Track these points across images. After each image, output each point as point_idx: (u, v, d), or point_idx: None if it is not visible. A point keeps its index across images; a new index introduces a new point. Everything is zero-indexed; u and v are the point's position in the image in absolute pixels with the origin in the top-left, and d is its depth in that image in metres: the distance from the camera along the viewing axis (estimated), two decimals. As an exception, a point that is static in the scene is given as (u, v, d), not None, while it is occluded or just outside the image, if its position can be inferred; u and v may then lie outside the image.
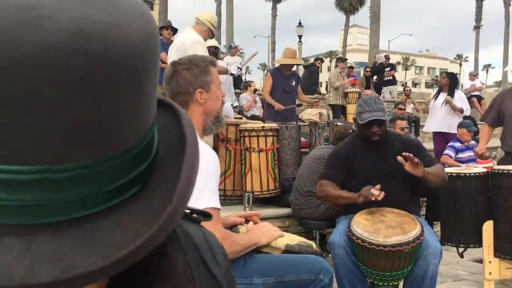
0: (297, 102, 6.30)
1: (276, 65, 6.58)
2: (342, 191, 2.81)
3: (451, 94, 6.53)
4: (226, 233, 1.71)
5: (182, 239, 0.52)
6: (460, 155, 5.89)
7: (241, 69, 5.21)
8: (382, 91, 12.41)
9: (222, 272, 0.57)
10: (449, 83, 6.59)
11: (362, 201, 2.60)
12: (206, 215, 0.60)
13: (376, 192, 2.53)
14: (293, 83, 5.99)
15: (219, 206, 1.70)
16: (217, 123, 1.93)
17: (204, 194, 1.66)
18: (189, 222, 0.57)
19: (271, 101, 5.82)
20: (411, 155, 2.57)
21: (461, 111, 6.48)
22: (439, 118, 6.54)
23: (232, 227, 2.02)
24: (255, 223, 2.06)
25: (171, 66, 1.91)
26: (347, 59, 12.16)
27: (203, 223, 1.83)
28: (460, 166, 5.21)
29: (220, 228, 1.69)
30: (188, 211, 0.58)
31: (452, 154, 5.85)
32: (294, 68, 6.59)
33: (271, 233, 1.90)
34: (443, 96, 6.59)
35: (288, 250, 1.94)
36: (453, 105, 6.43)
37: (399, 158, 2.59)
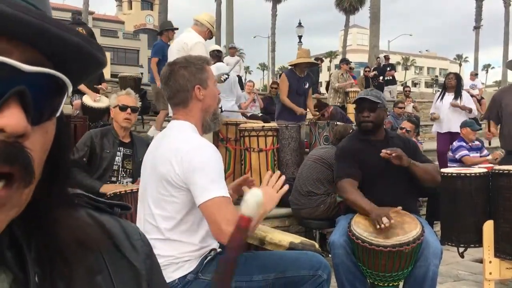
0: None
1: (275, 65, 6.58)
2: (360, 199, 2.69)
3: (458, 95, 6.50)
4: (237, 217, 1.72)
5: (94, 234, 0.53)
6: None
7: (228, 75, 5.24)
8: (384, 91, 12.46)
9: (140, 258, 0.59)
10: (457, 84, 6.56)
11: (376, 220, 2.50)
12: (124, 207, 0.62)
13: (385, 221, 2.46)
14: (306, 86, 5.95)
15: (228, 194, 1.73)
16: (215, 120, 1.98)
17: (210, 184, 1.70)
18: (105, 214, 0.59)
19: (292, 105, 5.77)
20: (389, 150, 2.64)
21: (470, 110, 6.47)
22: (447, 119, 6.51)
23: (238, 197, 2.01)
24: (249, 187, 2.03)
25: (168, 66, 1.96)
26: (351, 62, 12.19)
27: (215, 212, 1.82)
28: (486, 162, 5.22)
29: (232, 214, 1.68)
30: (104, 204, 0.59)
31: (468, 152, 5.83)
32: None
33: (273, 197, 1.85)
34: (448, 96, 6.56)
35: (292, 248, 1.96)
36: (461, 106, 6.42)
37: (382, 154, 2.65)
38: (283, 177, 1.91)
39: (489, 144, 5.92)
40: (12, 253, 0.46)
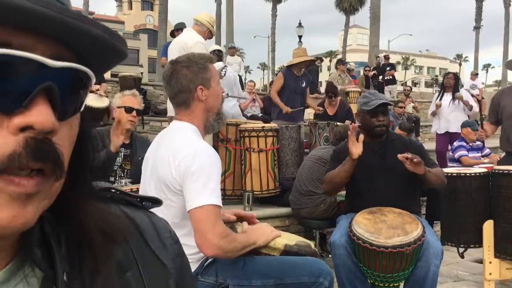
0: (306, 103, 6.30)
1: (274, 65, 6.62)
2: (338, 167, 2.77)
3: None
4: (227, 231, 1.70)
5: (123, 227, 0.52)
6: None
7: (226, 66, 5.28)
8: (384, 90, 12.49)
9: (170, 256, 0.58)
10: (455, 84, 6.56)
11: (355, 154, 2.60)
12: (155, 201, 0.61)
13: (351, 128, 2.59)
14: (303, 84, 5.95)
15: (220, 203, 1.69)
16: (219, 120, 1.94)
17: (204, 191, 1.66)
18: (136, 209, 0.58)
19: (279, 103, 5.75)
20: (410, 155, 2.55)
21: (471, 107, 6.45)
22: (446, 118, 6.51)
23: (227, 224, 2.01)
24: (249, 224, 2.05)
25: (170, 65, 1.91)
26: (347, 62, 12.23)
27: (204, 220, 1.79)
28: (483, 163, 5.23)
29: (221, 226, 1.67)
30: (135, 199, 0.59)
31: (467, 153, 5.84)
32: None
33: (267, 233, 1.89)
34: (447, 96, 6.56)
35: (287, 250, 1.93)
36: (466, 101, 6.41)
37: (400, 156, 2.57)
38: (281, 233, 2.00)
39: (483, 145, 5.94)
40: (41, 251, 0.46)
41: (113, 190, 0.57)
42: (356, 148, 2.59)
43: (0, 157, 0.38)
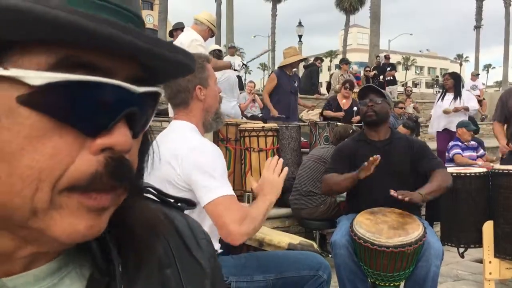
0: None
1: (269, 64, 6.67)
2: (342, 175, 2.74)
3: (457, 94, 6.52)
4: (243, 213, 1.66)
5: (164, 226, 0.55)
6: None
7: (245, 65, 5.29)
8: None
9: (205, 256, 0.60)
10: (454, 84, 6.57)
11: (363, 175, 2.57)
12: (190, 203, 0.63)
13: (370, 160, 2.51)
14: (296, 84, 5.99)
15: (230, 192, 1.68)
16: (217, 119, 1.95)
17: (211, 185, 1.67)
18: (173, 210, 0.61)
19: (269, 104, 5.76)
20: (400, 196, 2.47)
21: (466, 109, 6.47)
22: (446, 117, 6.54)
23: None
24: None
25: None
26: (350, 62, 12.25)
27: (219, 214, 1.78)
28: (476, 164, 5.25)
29: (236, 212, 1.65)
30: (172, 200, 0.61)
31: (461, 151, 5.86)
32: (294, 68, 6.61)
33: (277, 181, 1.82)
34: (449, 96, 6.58)
35: (291, 249, 1.96)
36: (452, 110, 6.47)
37: (392, 192, 2.50)
38: (281, 160, 1.88)
39: (478, 144, 5.97)
40: (96, 244, 0.48)
41: (152, 190, 0.59)
42: (367, 173, 2.57)
43: (83, 176, 0.40)
